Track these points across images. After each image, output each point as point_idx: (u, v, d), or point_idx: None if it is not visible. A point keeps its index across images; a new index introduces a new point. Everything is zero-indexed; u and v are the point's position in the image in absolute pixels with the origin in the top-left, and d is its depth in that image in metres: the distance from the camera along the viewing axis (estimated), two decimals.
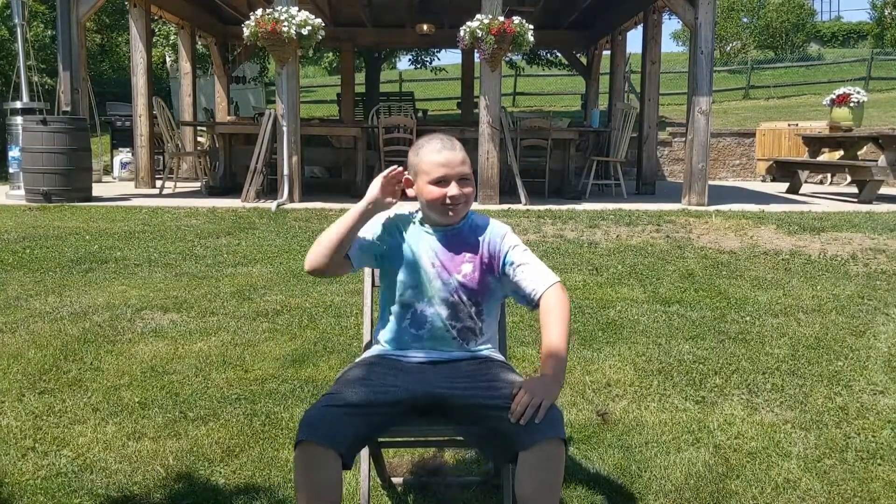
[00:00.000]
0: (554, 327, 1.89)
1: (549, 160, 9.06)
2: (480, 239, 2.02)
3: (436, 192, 1.94)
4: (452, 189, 1.93)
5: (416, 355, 1.99)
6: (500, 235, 2.03)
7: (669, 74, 21.40)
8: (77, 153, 7.66)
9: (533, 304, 1.98)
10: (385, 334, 2.06)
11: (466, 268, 1.99)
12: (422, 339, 2.00)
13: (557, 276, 1.98)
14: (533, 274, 1.97)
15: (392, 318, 2.04)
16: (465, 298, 1.99)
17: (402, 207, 2.07)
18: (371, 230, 2.03)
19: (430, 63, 21.36)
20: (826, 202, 9.00)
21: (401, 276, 2.01)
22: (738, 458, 2.55)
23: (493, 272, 2.01)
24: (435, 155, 1.94)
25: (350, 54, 14.29)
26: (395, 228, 2.05)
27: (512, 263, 1.99)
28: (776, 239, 6.13)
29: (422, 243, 2.01)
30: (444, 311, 1.99)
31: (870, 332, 3.82)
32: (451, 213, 1.97)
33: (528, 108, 21.48)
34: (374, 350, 2.08)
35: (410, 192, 2.02)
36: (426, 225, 2.04)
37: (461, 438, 1.93)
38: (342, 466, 1.77)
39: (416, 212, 2.07)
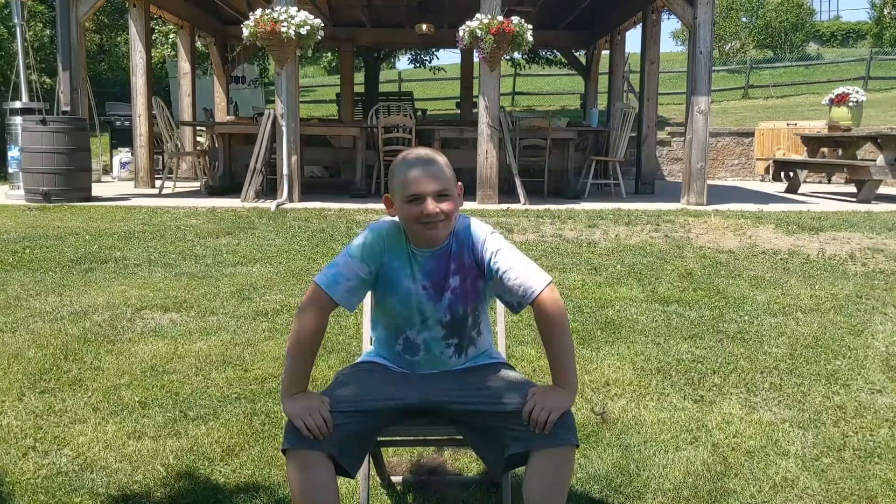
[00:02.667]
0: (558, 337, 1.83)
1: (549, 160, 9.06)
2: (464, 245, 1.92)
3: (411, 210, 1.83)
4: (428, 206, 1.81)
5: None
6: (482, 240, 1.91)
7: (668, 74, 21.42)
8: (76, 153, 7.66)
9: (523, 307, 1.90)
10: (381, 350, 2.03)
11: (455, 281, 1.91)
12: (418, 363, 1.97)
13: (548, 276, 1.88)
14: (521, 277, 1.86)
15: (385, 337, 2.01)
16: (459, 311, 1.93)
17: (388, 222, 1.96)
18: (356, 264, 1.88)
19: (430, 62, 21.38)
20: (825, 202, 9.02)
21: (391, 302, 1.93)
22: (736, 456, 2.56)
23: (482, 276, 1.93)
24: (408, 171, 1.83)
25: (349, 54, 14.29)
26: (382, 252, 1.91)
27: (497, 270, 1.88)
28: (775, 238, 6.14)
29: (410, 267, 1.91)
30: (439, 332, 1.94)
31: (868, 332, 3.83)
32: (428, 232, 1.84)
33: (524, 108, 21.48)
34: (372, 356, 2.07)
35: (391, 212, 1.92)
36: (413, 245, 1.91)
37: (460, 437, 1.93)
38: (343, 473, 1.77)
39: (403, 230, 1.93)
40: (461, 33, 7.74)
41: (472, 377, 1.93)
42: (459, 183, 1.92)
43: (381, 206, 1.86)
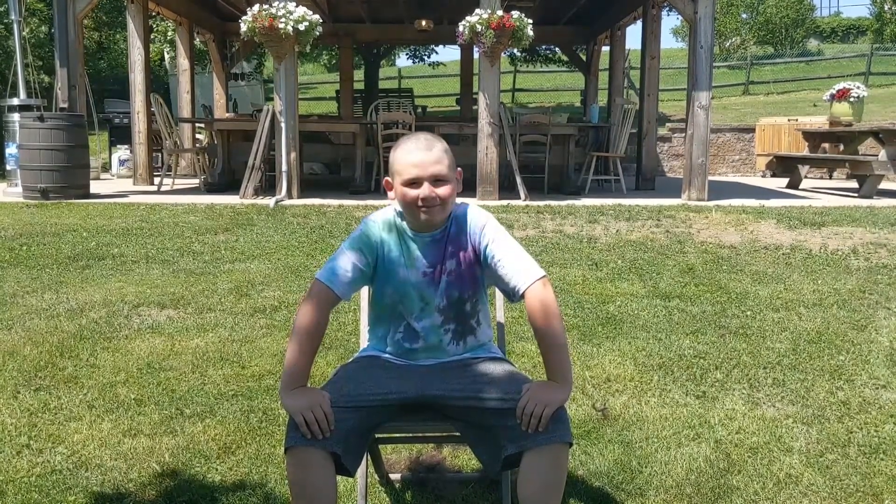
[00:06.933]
0: (549, 331, 1.80)
1: (549, 156, 9.03)
2: (462, 231, 1.93)
3: (408, 193, 1.84)
4: (424, 190, 1.83)
5: (413, 362, 1.97)
6: (480, 226, 1.92)
7: (669, 70, 21.39)
8: (75, 150, 7.63)
9: (515, 299, 1.90)
10: (379, 343, 2.02)
11: (451, 264, 1.92)
12: (417, 351, 1.96)
13: (541, 270, 1.86)
14: (513, 268, 1.86)
15: (384, 327, 2.00)
16: (455, 296, 1.93)
17: (388, 211, 1.97)
18: (354, 256, 1.91)
19: (429, 57, 21.36)
20: (826, 197, 8.97)
21: (390, 290, 1.94)
22: (739, 453, 2.53)
23: (479, 263, 1.94)
24: (407, 155, 1.85)
25: (349, 51, 14.23)
26: (379, 244, 1.93)
27: (493, 257, 1.89)
28: (776, 233, 6.10)
29: (409, 253, 1.92)
30: (437, 318, 1.94)
31: (871, 327, 3.80)
32: (424, 216, 1.85)
33: (521, 105, 21.42)
34: (369, 350, 2.05)
35: (391, 194, 1.93)
36: (412, 230, 1.93)
37: (458, 434, 1.91)
38: (343, 471, 1.74)
39: (402, 216, 1.95)
40: (461, 28, 7.70)
41: (469, 372, 1.91)
42: (459, 169, 1.92)
43: (381, 202, 1.83)
